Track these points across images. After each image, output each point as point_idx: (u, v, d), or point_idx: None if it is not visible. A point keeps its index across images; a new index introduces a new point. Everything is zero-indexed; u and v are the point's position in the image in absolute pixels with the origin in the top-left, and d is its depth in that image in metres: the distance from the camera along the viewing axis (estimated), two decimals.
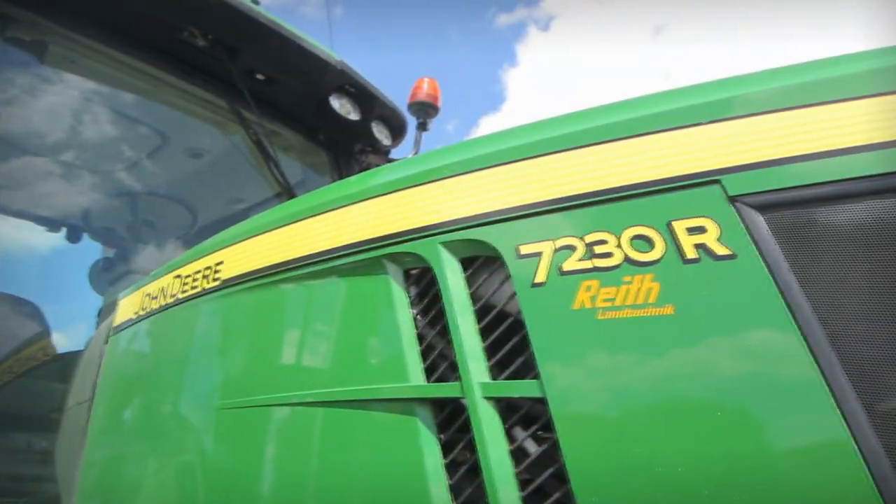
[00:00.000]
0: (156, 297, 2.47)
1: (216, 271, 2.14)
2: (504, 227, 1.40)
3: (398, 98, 3.95)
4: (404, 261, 1.60)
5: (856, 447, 0.96)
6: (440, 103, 3.74)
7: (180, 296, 2.29)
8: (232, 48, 3.29)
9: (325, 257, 1.76)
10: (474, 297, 1.46)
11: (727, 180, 1.15)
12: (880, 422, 0.97)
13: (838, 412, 0.98)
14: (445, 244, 1.50)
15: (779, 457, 1.02)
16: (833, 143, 1.09)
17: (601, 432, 1.18)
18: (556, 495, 1.23)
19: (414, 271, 1.62)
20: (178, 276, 2.36)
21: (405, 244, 1.57)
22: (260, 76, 3.49)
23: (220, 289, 2.10)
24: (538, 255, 1.32)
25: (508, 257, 1.37)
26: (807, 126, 1.12)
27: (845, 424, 0.98)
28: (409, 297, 1.60)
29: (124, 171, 3.83)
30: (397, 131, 3.96)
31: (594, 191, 1.29)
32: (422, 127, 3.77)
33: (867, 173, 1.05)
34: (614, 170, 1.28)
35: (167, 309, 2.36)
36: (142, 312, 2.53)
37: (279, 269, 1.88)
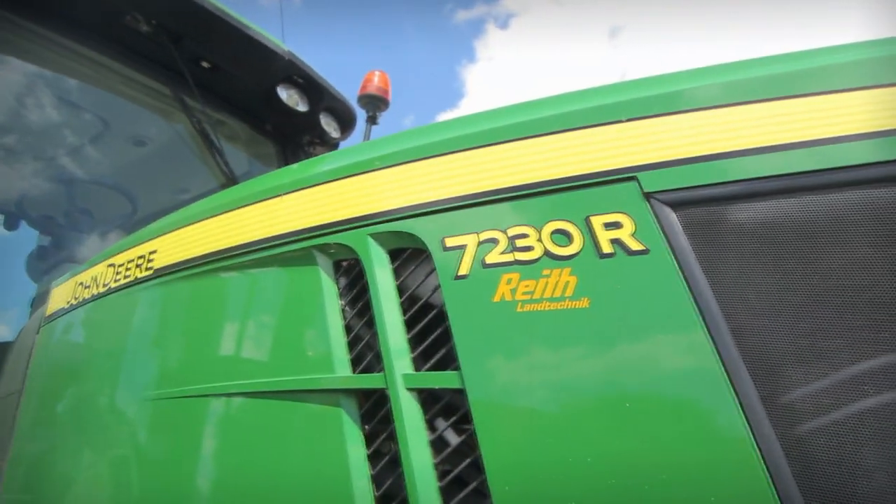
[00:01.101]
0: (88, 287, 2.42)
1: (149, 260, 2.11)
2: (431, 219, 1.41)
3: (354, 92, 3.92)
4: (334, 252, 1.60)
5: (752, 439, 1.00)
6: (390, 97, 3.73)
7: (113, 285, 2.25)
8: (175, 35, 3.23)
9: (257, 247, 1.75)
10: (401, 289, 1.47)
11: (643, 177, 1.18)
12: (777, 414, 1.00)
13: (738, 404, 1.02)
14: (374, 236, 1.50)
15: (680, 447, 1.05)
16: (742, 143, 1.12)
17: (516, 423, 1.20)
18: (474, 485, 1.24)
19: (344, 262, 1.62)
20: (112, 265, 2.32)
21: (335, 235, 1.57)
22: (205, 64, 3.43)
23: (152, 278, 2.07)
24: (463, 247, 1.33)
25: (434, 249, 1.38)
26: (718, 126, 1.15)
27: (744, 417, 1.01)
28: (339, 288, 1.60)
29: (64, 158, 3.73)
30: (346, 124, 3.94)
31: (517, 185, 1.31)
32: (371, 120, 3.74)
33: (772, 173, 1.09)
34: (536, 165, 1.29)
35: (100, 298, 2.32)
36: (74, 302, 2.47)
37: (212, 259, 1.86)
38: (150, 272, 2.07)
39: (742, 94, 1.15)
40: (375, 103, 3.67)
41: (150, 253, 2.10)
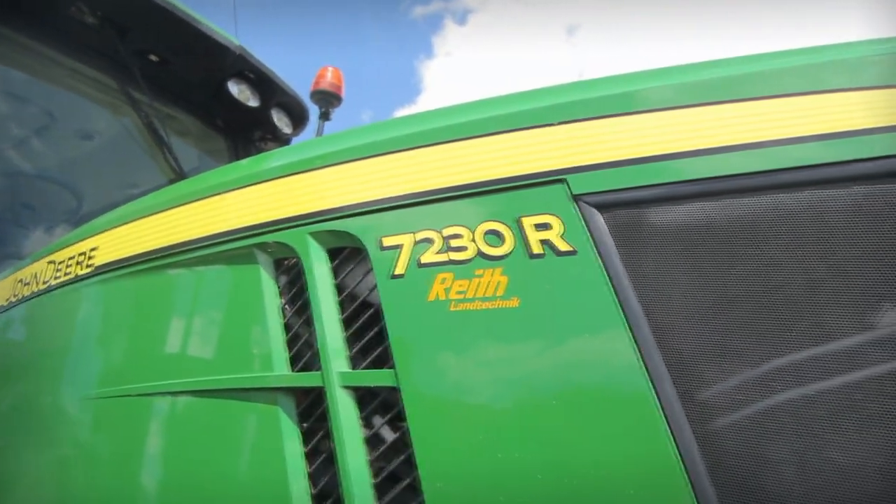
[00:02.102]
0: (29, 284, 2.38)
1: (90, 257, 2.08)
2: (369, 219, 1.42)
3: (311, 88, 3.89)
4: (274, 250, 1.60)
5: (670, 434, 1.03)
6: (343, 93, 3.72)
7: (53, 282, 2.21)
8: (122, 27, 3.17)
9: (198, 245, 1.74)
10: (339, 288, 1.48)
11: (572, 179, 1.20)
12: (693, 410, 1.04)
13: (657, 401, 1.05)
14: (314, 235, 1.51)
15: (603, 443, 1.08)
16: (665, 147, 1.16)
17: (448, 421, 1.22)
18: (407, 481, 1.26)
19: (285, 261, 1.62)
20: (52, 262, 2.28)
21: (275, 234, 1.57)
22: (153, 57, 3.38)
23: (93, 276, 2.04)
24: (399, 247, 1.35)
25: (372, 249, 1.39)
26: (643, 130, 1.18)
27: (662, 413, 1.05)
28: (279, 286, 1.60)
29: (7, 152, 3.63)
30: (298, 120, 3.91)
31: (452, 186, 1.32)
32: (324, 116, 3.73)
33: (693, 177, 1.13)
34: (471, 166, 1.31)
35: (40, 296, 2.28)
36: (13, 299, 2.43)
37: (153, 257, 1.85)
38: (91, 269, 2.04)
39: (666, 100, 1.19)
40: (328, 99, 3.65)
41: (91, 250, 2.07)
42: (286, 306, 1.57)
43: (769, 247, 1.06)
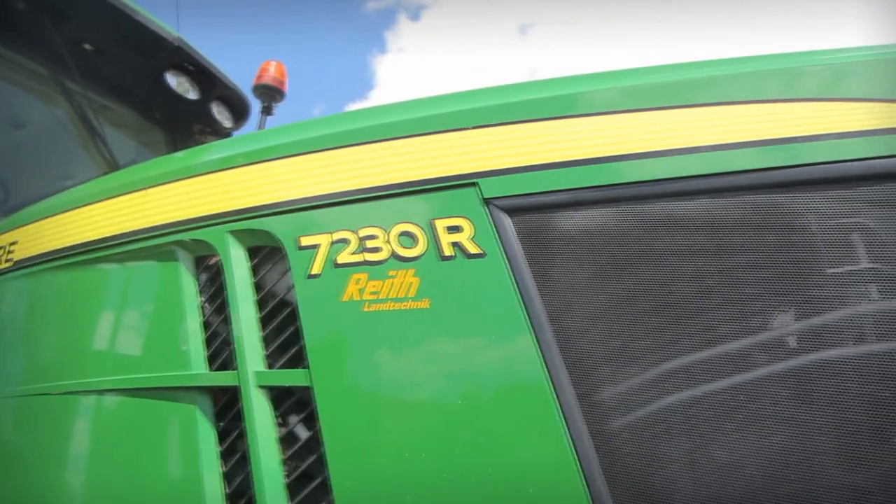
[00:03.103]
0: None
1: (9, 251, 2.03)
2: (287, 218, 1.42)
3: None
4: (195, 248, 1.58)
5: (567, 434, 1.07)
6: (286, 88, 3.68)
7: None
8: (55, 14, 3.08)
9: (119, 241, 1.71)
10: (257, 287, 1.48)
11: (483, 183, 1.22)
12: (589, 411, 1.08)
13: (556, 402, 1.08)
14: (233, 233, 1.50)
15: (505, 442, 1.11)
16: (571, 154, 1.19)
17: (358, 420, 1.23)
18: (318, 480, 1.27)
19: (205, 259, 1.61)
20: None
21: (195, 231, 1.56)
22: (87, 46, 3.29)
23: (12, 270, 1.99)
24: (316, 247, 1.35)
25: (289, 248, 1.39)
26: (553, 136, 1.21)
27: (561, 413, 1.08)
28: (199, 284, 1.59)
29: None
30: (239, 114, 3.85)
31: (369, 187, 1.33)
32: (266, 111, 3.69)
33: (598, 183, 1.16)
34: (388, 168, 1.33)
35: None
36: None
37: (73, 252, 1.81)
38: (10, 264, 1.99)
39: (575, 107, 1.21)
40: (271, 94, 3.61)
41: (11, 244, 2.02)
42: (205, 304, 1.56)
43: (665, 253, 1.10)
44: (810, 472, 1.01)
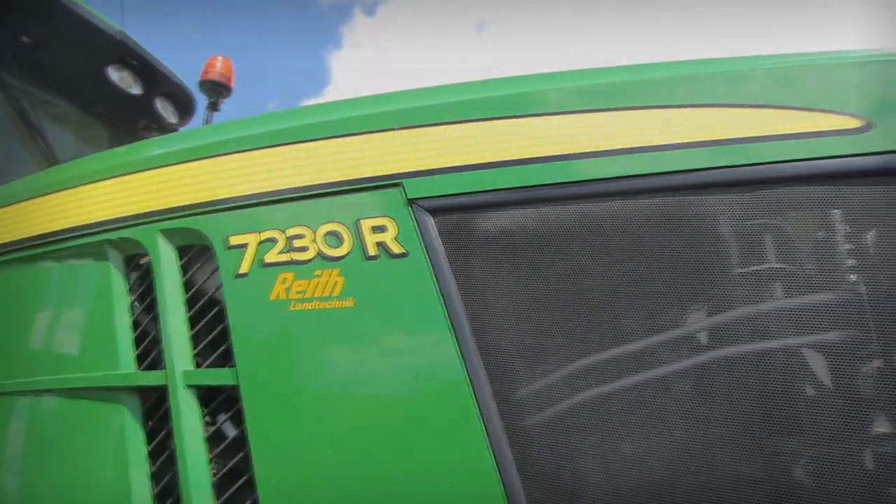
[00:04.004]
0: None
1: None
2: (217, 217, 1.42)
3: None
4: (125, 247, 1.57)
5: (484, 429, 1.09)
6: (233, 83, 3.65)
7: None
8: None
9: (49, 240, 1.69)
10: (187, 286, 1.47)
11: (408, 184, 1.24)
12: (505, 407, 1.11)
13: (474, 399, 1.11)
14: (164, 232, 1.49)
15: (424, 438, 1.14)
16: (494, 155, 1.21)
17: (283, 419, 1.24)
18: (244, 478, 1.28)
19: (136, 258, 1.60)
20: None
21: (125, 230, 1.54)
22: (25, 39, 3.20)
23: None
24: (245, 246, 1.36)
25: (218, 247, 1.39)
26: (475, 138, 1.23)
27: (478, 410, 1.11)
28: (129, 283, 1.57)
29: None
30: (185, 109, 3.80)
31: (297, 187, 1.34)
32: (212, 107, 3.65)
33: (518, 185, 1.19)
34: (315, 168, 1.34)
35: None
36: None
37: (2, 251, 1.78)
38: None
39: (498, 109, 1.24)
40: (217, 89, 3.57)
41: None
42: (135, 303, 1.55)
43: (579, 253, 1.14)
44: (712, 464, 1.05)
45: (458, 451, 1.11)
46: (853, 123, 1.02)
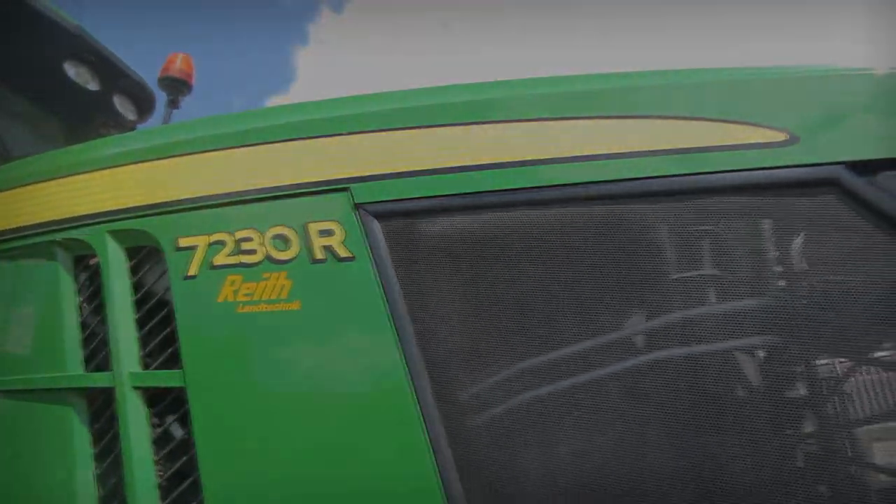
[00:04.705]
0: None
1: None
2: (166, 219, 1.42)
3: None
4: (74, 247, 1.56)
5: (425, 430, 1.12)
6: (193, 80, 3.63)
7: None
8: None
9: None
10: (136, 287, 1.47)
11: (355, 189, 1.26)
12: (445, 408, 1.13)
13: (416, 400, 1.13)
14: (113, 233, 1.49)
15: (368, 440, 1.16)
16: (441, 162, 1.24)
17: (229, 421, 1.26)
18: (190, 480, 1.28)
19: (85, 258, 1.59)
20: None
21: (74, 231, 1.54)
22: None
23: None
24: (194, 248, 1.36)
25: (168, 249, 1.39)
26: (422, 144, 1.26)
27: (419, 411, 1.13)
28: (78, 284, 1.57)
29: None
30: (144, 106, 3.76)
31: (247, 189, 1.35)
32: (172, 104, 3.62)
33: (461, 191, 1.21)
34: (265, 171, 1.35)
35: None
36: None
37: None
38: None
39: (443, 118, 1.26)
40: (177, 87, 3.55)
41: None
42: (84, 304, 1.55)
43: (521, 258, 1.17)
44: (647, 465, 1.09)
45: (399, 452, 1.13)
46: (779, 137, 1.06)
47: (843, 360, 1.09)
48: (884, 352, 1.07)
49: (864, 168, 1.05)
